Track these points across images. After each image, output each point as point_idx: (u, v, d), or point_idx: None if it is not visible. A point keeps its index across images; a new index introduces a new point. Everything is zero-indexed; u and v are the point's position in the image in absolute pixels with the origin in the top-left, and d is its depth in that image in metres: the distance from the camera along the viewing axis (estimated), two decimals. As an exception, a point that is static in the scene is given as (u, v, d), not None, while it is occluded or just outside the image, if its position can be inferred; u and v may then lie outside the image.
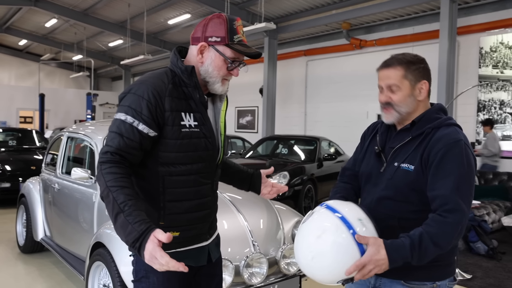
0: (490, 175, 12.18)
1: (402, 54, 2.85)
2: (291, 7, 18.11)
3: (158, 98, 2.65)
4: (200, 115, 2.80)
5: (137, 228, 2.35)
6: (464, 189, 2.57)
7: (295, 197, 11.16)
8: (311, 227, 2.60)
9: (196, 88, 2.78)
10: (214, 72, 2.79)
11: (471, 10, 14.87)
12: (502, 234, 10.06)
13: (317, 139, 13.66)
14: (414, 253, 2.45)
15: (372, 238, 2.46)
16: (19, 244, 8.48)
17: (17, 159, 13.02)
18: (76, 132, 7.00)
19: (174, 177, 2.74)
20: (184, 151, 2.73)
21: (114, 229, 2.46)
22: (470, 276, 7.46)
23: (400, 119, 2.85)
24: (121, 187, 2.48)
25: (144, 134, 2.62)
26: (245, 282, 4.67)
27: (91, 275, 5.17)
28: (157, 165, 2.73)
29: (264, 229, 5.20)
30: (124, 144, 2.60)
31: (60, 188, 6.98)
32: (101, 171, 2.54)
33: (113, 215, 2.44)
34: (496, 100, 14.15)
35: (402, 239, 2.49)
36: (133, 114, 2.62)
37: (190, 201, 2.81)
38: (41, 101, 25.87)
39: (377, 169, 2.90)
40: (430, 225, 2.51)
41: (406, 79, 2.76)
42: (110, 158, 2.56)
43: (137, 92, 2.67)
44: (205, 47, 2.78)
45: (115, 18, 23.92)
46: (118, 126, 2.63)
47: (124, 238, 2.40)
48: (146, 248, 2.31)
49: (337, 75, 19.43)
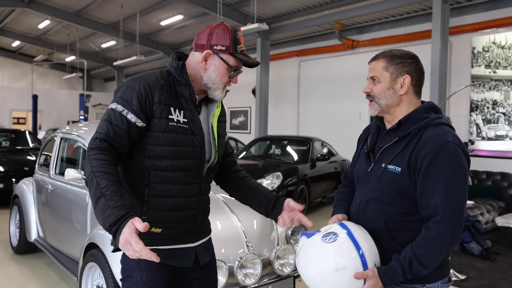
0: (483, 175, 12.21)
1: (394, 49, 2.89)
2: (283, 8, 18.09)
3: (148, 90, 2.77)
4: (190, 112, 2.89)
5: (116, 212, 2.40)
6: (454, 196, 2.57)
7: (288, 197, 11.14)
8: (332, 256, 2.64)
9: (187, 86, 2.87)
10: (217, 79, 2.88)
11: (463, 10, 14.89)
12: (496, 234, 10.06)
13: (310, 139, 13.68)
14: (407, 277, 2.58)
15: (370, 271, 2.57)
16: (12, 245, 8.47)
17: (10, 160, 12.98)
18: (69, 133, 7.00)
19: (159, 172, 2.80)
20: (170, 144, 2.80)
21: (95, 212, 2.50)
22: (464, 277, 7.47)
23: (382, 112, 2.88)
24: (106, 173, 2.55)
25: (131, 123, 2.72)
26: (239, 283, 4.68)
27: (84, 276, 5.17)
28: (144, 158, 2.81)
29: (258, 230, 5.21)
30: (113, 131, 2.70)
31: (53, 189, 6.98)
32: (88, 157, 2.62)
33: (94, 199, 2.50)
34: (489, 100, 14.17)
35: (394, 265, 2.59)
36: (123, 104, 2.74)
37: (174, 198, 2.85)
38: (34, 102, 25.82)
39: (366, 169, 2.91)
40: (419, 244, 2.58)
41: (387, 71, 2.80)
42: (99, 145, 2.66)
43: (129, 85, 2.80)
44: (210, 55, 2.86)
45: (107, 19, 23.86)
46: (109, 114, 2.75)
47: (101, 221, 2.45)
48: (122, 233, 2.35)
49: (330, 75, 19.43)
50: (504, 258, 8.61)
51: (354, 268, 2.57)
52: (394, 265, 2.58)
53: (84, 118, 26.12)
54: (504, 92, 13.82)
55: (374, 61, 2.87)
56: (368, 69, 2.91)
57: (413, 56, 2.86)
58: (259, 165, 12.28)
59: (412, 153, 2.66)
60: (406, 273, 2.55)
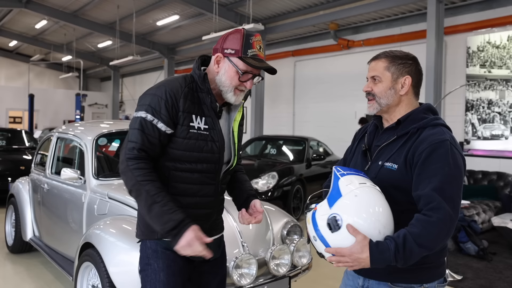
0: (479, 175, 12.21)
1: (395, 50, 2.91)
2: (279, 8, 18.11)
3: (174, 99, 2.89)
4: (211, 119, 3.01)
5: (174, 217, 2.72)
6: (448, 190, 2.54)
7: (284, 197, 11.18)
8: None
9: (209, 94, 2.99)
10: (226, 81, 2.97)
11: (458, 10, 14.91)
12: (492, 234, 10.05)
13: (306, 139, 13.67)
14: (398, 256, 2.44)
15: (362, 235, 2.46)
16: (8, 244, 8.46)
17: (6, 159, 12.97)
18: (65, 132, 7.01)
19: (178, 173, 2.98)
20: (190, 150, 2.95)
21: (148, 219, 2.82)
22: (460, 277, 7.48)
23: (381, 111, 2.89)
24: (151, 180, 2.79)
25: (162, 132, 2.88)
26: (235, 283, 4.68)
27: (80, 276, 5.17)
28: (165, 159, 2.97)
29: (254, 230, 5.21)
30: (147, 140, 2.86)
31: (49, 189, 6.98)
32: (128, 167, 2.82)
33: (147, 206, 2.76)
34: (484, 99, 14.20)
35: (387, 241, 2.47)
36: (152, 113, 2.87)
37: (192, 197, 3.01)
38: (31, 102, 25.80)
39: (362, 167, 2.91)
40: (414, 225, 2.50)
41: (388, 71, 2.82)
42: (137, 155, 2.84)
43: (156, 92, 2.91)
44: (221, 58, 2.97)
45: (104, 20, 23.85)
46: (140, 123, 2.88)
47: (160, 226, 2.75)
48: (186, 236, 2.70)
49: (325, 75, 19.45)
50: (501, 258, 8.62)
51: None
52: (386, 241, 2.48)
53: (80, 117, 26.13)
54: (499, 92, 13.85)
55: (375, 60, 2.89)
56: (368, 68, 2.93)
57: (414, 58, 2.89)
58: (255, 165, 12.28)
59: (409, 150, 2.68)
60: (398, 249, 2.43)
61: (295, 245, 5.34)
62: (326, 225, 2.53)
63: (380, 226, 2.53)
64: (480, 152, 14.21)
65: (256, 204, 3.30)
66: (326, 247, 2.56)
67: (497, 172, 12.12)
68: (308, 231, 2.70)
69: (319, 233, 2.57)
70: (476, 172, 12.29)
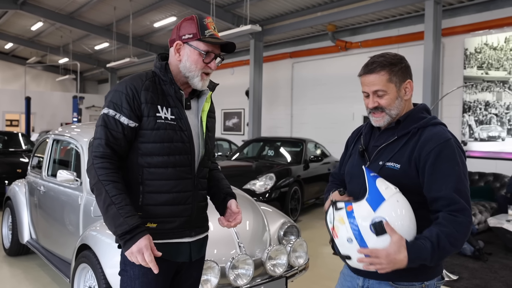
0: (476, 176, 12.23)
1: (382, 55, 2.82)
2: (276, 10, 18.13)
3: (135, 91, 2.91)
4: (177, 109, 3.01)
5: (129, 222, 2.67)
6: (463, 189, 2.59)
7: (281, 199, 11.16)
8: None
9: (172, 84, 3.00)
10: (192, 66, 2.99)
11: (455, 12, 14.95)
12: (488, 235, 10.09)
13: (303, 140, 13.67)
14: (434, 255, 2.47)
15: (398, 236, 2.46)
16: (5, 247, 8.44)
17: (3, 162, 12.92)
18: (61, 134, 6.99)
19: (152, 169, 2.94)
20: (160, 141, 2.92)
21: (104, 220, 2.73)
22: (456, 277, 7.48)
23: (391, 121, 2.85)
24: (113, 181, 2.77)
25: (125, 125, 2.87)
26: (231, 283, 4.68)
27: (76, 278, 5.16)
28: (137, 156, 2.95)
29: (250, 231, 5.21)
30: (111, 135, 2.85)
31: (45, 191, 6.97)
32: (93, 165, 2.81)
33: (104, 206, 2.72)
34: (481, 101, 14.22)
35: (422, 240, 2.48)
36: (114, 108, 2.89)
37: (168, 194, 2.96)
38: (27, 104, 25.81)
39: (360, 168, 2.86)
40: (444, 224, 2.51)
41: (392, 82, 2.75)
42: (103, 152, 2.83)
43: (117, 88, 2.94)
44: (180, 45, 3.00)
45: (101, 21, 23.84)
46: (103, 120, 2.89)
47: (113, 228, 2.70)
48: (138, 243, 2.66)
49: (323, 77, 19.47)
50: (496, 259, 8.63)
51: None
52: (420, 239, 2.49)
53: (78, 120, 26.12)
54: (496, 93, 13.87)
55: (372, 74, 2.78)
56: (362, 81, 2.84)
57: (403, 58, 2.85)
58: (252, 167, 12.28)
59: (414, 150, 2.68)
60: (434, 249, 2.45)
61: (292, 245, 5.34)
62: (369, 227, 2.51)
63: (414, 233, 2.55)
64: (476, 153, 14.23)
65: (232, 205, 3.28)
66: (360, 247, 2.53)
67: (493, 173, 12.15)
68: (338, 231, 2.65)
69: (359, 235, 2.53)
70: (473, 173, 12.31)
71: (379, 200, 2.53)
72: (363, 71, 2.84)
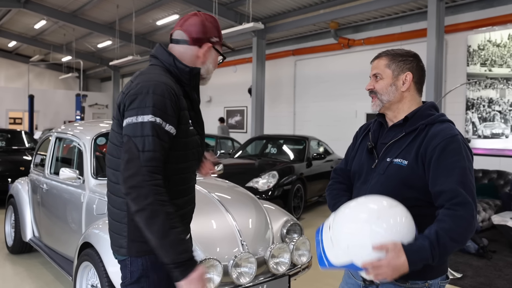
0: (479, 173, 12.20)
1: (396, 48, 2.97)
2: (279, 7, 18.12)
3: (175, 97, 2.64)
4: (194, 113, 2.91)
5: (189, 249, 2.52)
6: (467, 183, 2.57)
7: (284, 196, 11.15)
8: (381, 198, 2.61)
9: (195, 89, 2.87)
10: (211, 69, 2.95)
11: (459, 9, 14.92)
12: (492, 232, 10.06)
13: (306, 138, 13.66)
14: (435, 253, 2.46)
15: (391, 244, 2.44)
16: (8, 245, 8.45)
17: (6, 160, 12.97)
18: (64, 132, 6.99)
19: (176, 176, 2.75)
20: (190, 148, 2.81)
21: (158, 244, 2.45)
22: (460, 275, 7.47)
23: (384, 108, 2.91)
24: (168, 202, 2.51)
25: (170, 135, 2.59)
26: (234, 282, 4.66)
27: (79, 276, 5.16)
28: (165, 164, 2.63)
29: (253, 229, 5.20)
30: (162, 147, 2.54)
31: (48, 189, 6.96)
32: (146, 181, 2.46)
33: (162, 231, 2.44)
34: (484, 98, 14.19)
35: (420, 240, 2.49)
36: (161, 115, 2.54)
37: (183, 197, 2.87)
38: (31, 102, 25.84)
39: (369, 166, 2.93)
40: (444, 220, 2.51)
41: (389, 68, 2.86)
42: (157, 168, 2.51)
43: (156, 91, 2.57)
44: (210, 48, 2.88)
45: (103, 19, 23.87)
46: (154, 128, 2.52)
47: (172, 256, 2.45)
48: (198, 271, 2.49)
49: (326, 74, 19.45)
50: (500, 256, 8.61)
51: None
52: (419, 239, 2.49)
53: (81, 118, 26.13)
54: (499, 90, 13.84)
55: (377, 59, 2.93)
56: (371, 67, 2.96)
57: (415, 55, 2.92)
58: (255, 164, 12.26)
59: (420, 146, 2.69)
60: (434, 246, 2.44)
61: (295, 243, 5.32)
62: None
63: (409, 236, 2.53)
64: (480, 150, 14.20)
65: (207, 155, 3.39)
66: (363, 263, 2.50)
67: (497, 170, 12.13)
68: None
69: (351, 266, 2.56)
70: (477, 170, 12.28)
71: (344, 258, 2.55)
72: (373, 58, 2.99)
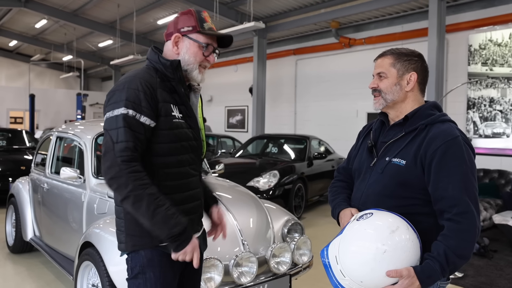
0: (481, 172, 12.19)
1: (401, 47, 2.96)
2: (280, 7, 18.09)
3: (152, 89, 2.76)
4: (184, 107, 2.94)
5: (181, 221, 2.64)
6: (470, 188, 2.59)
7: (285, 196, 11.15)
8: (380, 223, 2.58)
9: (180, 82, 2.91)
10: (191, 59, 2.94)
11: (460, 8, 14.90)
12: (493, 232, 10.07)
13: (307, 138, 13.66)
14: (445, 272, 2.50)
15: (405, 270, 2.45)
16: (8, 244, 8.46)
17: (7, 159, 12.99)
18: (65, 131, 6.99)
19: (166, 170, 2.83)
20: (177, 140, 2.84)
21: (150, 225, 2.63)
22: (461, 275, 7.46)
23: (387, 107, 2.91)
24: (150, 184, 2.64)
25: (146, 126, 2.72)
26: (235, 281, 4.67)
27: (80, 275, 5.15)
28: (151, 157, 2.80)
29: (254, 228, 5.19)
30: (136, 138, 2.67)
31: (49, 188, 6.96)
32: (122, 171, 2.60)
33: (150, 212, 2.58)
34: (485, 97, 14.18)
35: (430, 262, 2.50)
36: (133, 107, 2.68)
37: (182, 193, 2.90)
38: (31, 102, 25.85)
39: (368, 164, 2.94)
40: (450, 237, 2.52)
41: (394, 67, 2.85)
42: (130, 156, 2.64)
43: (130, 86, 2.73)
44: (179, 38, 2.95)
45: (104, 19, 23.85)
46: (125, 120, 2.66)
47: (166, 231, 2.61)
48: (192, 243, 2.69)
49: (327, 73, 19.43)
50: (502, 256, 8.61)
51: (405, 226, 2.55)
52: (429, 262, 2.50)
53: (82, 117, 26.14)
54: (501, 90, 13.83)
55: (381, 58, 2.93)
56: (374, 66, 2.96)
57: (419, 55, 2.92)
58: (256, 164, 12.25)
59: (420, 147, 2.69)
60: (444, 268, 2.48)
61: (296, 243, 5.32)
62: None
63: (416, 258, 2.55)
64: (481, 150, 14.18)
65: (214, 214, 3.38)
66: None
67: (498, 170, 12.12)
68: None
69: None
70: (478, 170, 12.24)
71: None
72: (377, 56, 2.99)
